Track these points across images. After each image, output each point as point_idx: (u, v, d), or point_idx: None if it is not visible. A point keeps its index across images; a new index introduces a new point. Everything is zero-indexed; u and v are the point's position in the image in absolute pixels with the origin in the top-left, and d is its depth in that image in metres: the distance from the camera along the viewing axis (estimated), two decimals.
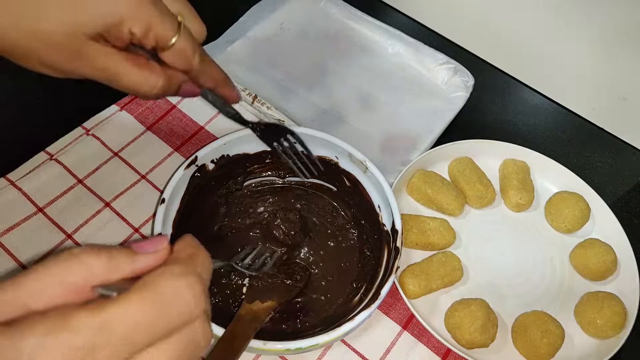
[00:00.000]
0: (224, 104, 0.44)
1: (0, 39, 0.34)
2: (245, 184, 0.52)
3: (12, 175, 0.51)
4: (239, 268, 0.43)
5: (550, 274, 0.53)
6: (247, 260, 0.45)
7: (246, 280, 0.47)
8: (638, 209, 0.59)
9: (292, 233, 0.49)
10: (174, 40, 0.36)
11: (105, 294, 0.23)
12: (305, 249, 0.50)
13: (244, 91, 0.59)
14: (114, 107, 0.57)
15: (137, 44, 0.36)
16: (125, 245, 0.25)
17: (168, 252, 0.26)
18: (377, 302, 0.42)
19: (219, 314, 0.35)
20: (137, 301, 0.22)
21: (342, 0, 0.68)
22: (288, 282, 0.46)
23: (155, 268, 0.24)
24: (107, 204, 0.51)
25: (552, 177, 0.58)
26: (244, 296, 0.46)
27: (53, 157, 0.53)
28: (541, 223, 0.56)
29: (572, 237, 0.55)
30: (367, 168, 0.48)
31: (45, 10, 0.33)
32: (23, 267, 0.47)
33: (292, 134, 0.47)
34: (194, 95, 0.42)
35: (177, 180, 0.45)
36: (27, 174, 0.51)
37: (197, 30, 0.39)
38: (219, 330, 0.38)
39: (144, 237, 0.50)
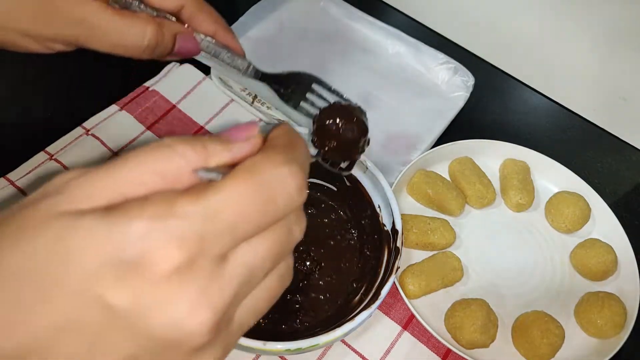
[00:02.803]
0: (232, 58, 0.39)
1: None
2: None
3: (12, 175, 0.51)
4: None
5: (551, 274, 0.53)
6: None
7: None
8: (638, 209, 0.59)
9: None
10: None
11: (207, 178, 0.21)
12: (305, 248, 0.49)
13: (244, 91, 0.59)
14: (113, 107, 0.57)
15: None
16: (215, 134, 0.23)
17: (262, 140, 0.23)
18: (377, 303, 0.42)
19: None
20: (243, 188, 0.20)
21: (342, 0, 0.69)
22: None
23: (252, 156, 0.22)
24: None
25: (552, 177, 0.58)
26: None
27: (53, 157, 0.53)
28: (541, 223, 0.56)
29: (572, 237, 0.55)
30: (367, 168, 0.48)
31: None
32: None
33: (320, 82, 0.42)
34: (193, 51, 0.38)
35: None
36: (27, 173, 0.51)
37: None
38: None
39: None
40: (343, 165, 0.42)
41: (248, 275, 0.21)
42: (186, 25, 0.37)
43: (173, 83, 0.59)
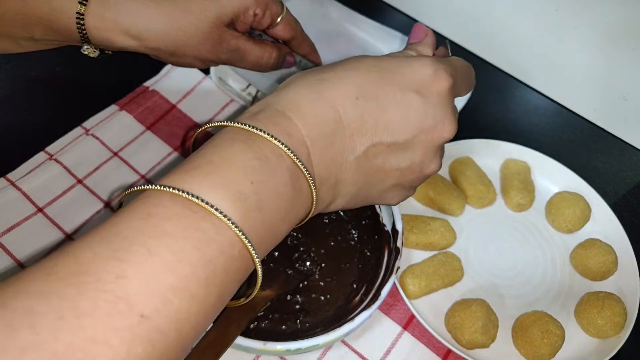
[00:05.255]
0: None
1: (162, 42, 0.43)
2: None
3: (12, 175, 0.51)
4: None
5: (551, 274, 0.53)
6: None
7: None
8: (638, 209, 0.59)
9: (292, 234, 0.49)
10: (282, 15, 0.47)
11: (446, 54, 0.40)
12: (305, 249, 0.49)
13: (244, 91, 0.59)
14: (113, 107, 0.57)
15: (253, 28, 0.48)
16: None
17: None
18: (378, 303, 0.42)
19: None
20: (462, 62, 0.39)
21: (342, 2, 0.68)
22: (289, 272, 0.46)
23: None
24: (107, 204, 0.51)
25: (552, 177, 0.58)
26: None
27: (53, 157, 0.53)
28: (542, 223, 0.56)
29: (572, 237, 0.55)
30: None
31: (193, 8, 0.43)
32: (23, 267, 0.47)
33: None
34: (292, 64, 0.52)
35: None
36: (27, 174, 0.51)
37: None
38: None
39: None
40: None
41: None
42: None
43: (173, 83, 0.59)
